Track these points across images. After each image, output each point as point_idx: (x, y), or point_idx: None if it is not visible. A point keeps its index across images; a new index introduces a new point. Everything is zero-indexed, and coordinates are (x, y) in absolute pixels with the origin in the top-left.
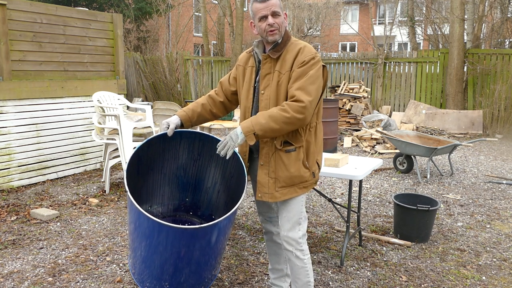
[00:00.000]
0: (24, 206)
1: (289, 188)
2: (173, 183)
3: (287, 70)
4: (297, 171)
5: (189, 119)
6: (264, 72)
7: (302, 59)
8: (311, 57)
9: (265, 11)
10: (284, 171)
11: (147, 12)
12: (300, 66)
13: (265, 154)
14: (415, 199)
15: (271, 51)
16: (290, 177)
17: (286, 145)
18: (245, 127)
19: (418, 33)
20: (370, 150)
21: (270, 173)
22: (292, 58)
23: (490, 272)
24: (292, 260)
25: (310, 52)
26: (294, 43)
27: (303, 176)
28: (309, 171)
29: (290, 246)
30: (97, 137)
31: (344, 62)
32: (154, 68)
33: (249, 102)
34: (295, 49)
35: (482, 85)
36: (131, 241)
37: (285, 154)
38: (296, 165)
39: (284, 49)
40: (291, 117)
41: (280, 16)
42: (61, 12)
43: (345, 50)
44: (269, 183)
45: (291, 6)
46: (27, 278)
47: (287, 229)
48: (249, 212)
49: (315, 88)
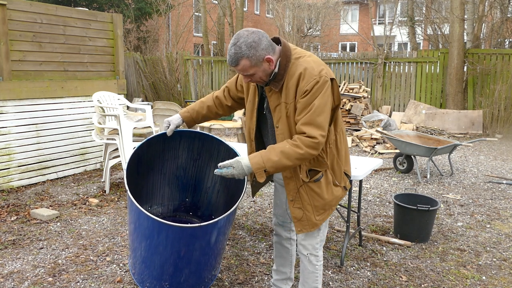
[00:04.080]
0: (24, 206)
1: (328, 211)
2: (173, 183)
3: (292, 101)
4: (331, 195)
5: (193, 120)
6: (273, 104)
7: (304, 87)
8: (313, 83)
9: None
10: (319, 200)
11: (147, 12)
12: (303, 96)
13: (293, 190)
14: (415, 199)
15: (272, 83)
16: (326, 203)
17: (312, 174)
18: (255, 163)
19: (418, 33)
20: (370, 150)
21: (304, 206)
22: (295, 86)
23: (490, 272)
24: (304, 263)
25: (312, 76)
26: (295, 65)
27: (337, 196)
28: (340, 187)
29: (306, 250)
30: (97, 137)
31: (344, 62)
32: (154, 68)
33: (253, 123)
34: (296, 74)
35: (482, 85)
36: (131, 242)
37: (315, 184)
38: (329, 189)
39: (285, 74)
40: (304, 153)
41: (255, 74)
42: (61, 12)
43: (345, 50)
44: (306, 216)
45: (291, 6)
46: (27, 278)
47: (305, 234)
48: (249, 212)
49: (323, 118)
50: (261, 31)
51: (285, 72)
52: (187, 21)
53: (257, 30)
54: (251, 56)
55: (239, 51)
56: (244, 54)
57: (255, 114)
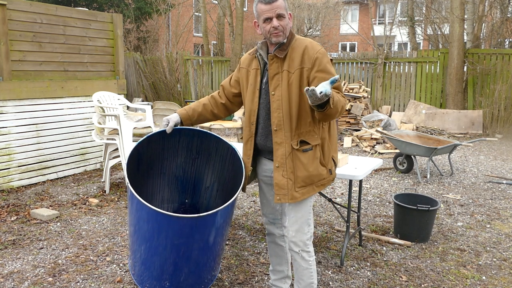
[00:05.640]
0: (24, 206)
1: (308, 187)
2: (173, 184)
3: (296, 69)
4: (315, 169)
5: (189, 117)
6: (272, 72)
7: (313, 54)
8: (323, 51)
9: (270, 13)
10: (302, 171)
11: (147, 12)
12: (320, 64)
13: (280, 156)
14: (415, 199)
15: (277, 50)
16: (309, 176)
17: (303, 145)
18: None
19: (418, 33)
20: (370, 150)
21: (288, 174)
22: (300, 56)
23: (490, 272)
24: (297, 261)
25: (318, 46)
26: (298, 40)
27: (321, 174)
28: (326, 168)
29: (297, 247)
30: (97, 137)
31: (344, 62)
32: (154, 68)
33: (255, 105)
34: (301, 46)
35: (482, 85)
36: (131, 243)
37: (302, 154)
38: (314, 163)
39: (290, 47)
40: (344, 107)
41: (285, 18)
42: (61, 12)
43: (345, 50)
44: (288, 184)
45: (291, 6)
46: (27, 278)
47: (295, 230)
48: (249, 212)
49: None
50: None
51: (289, 45)
52: (187, 21)
53: None
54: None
55: None
56: None
57: (257, 95)
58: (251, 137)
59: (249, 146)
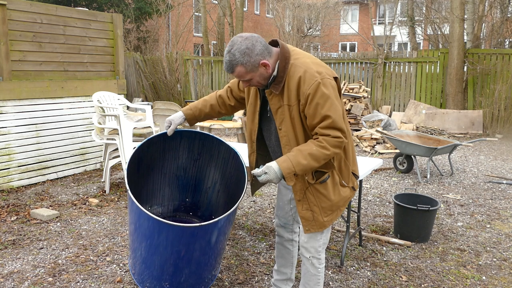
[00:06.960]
0: (24, 206)
1: (335, 212)
2: (173, 183)
3: (295, 103)
4: (337, 196)
5: (195, 118)
6: (274, 106)
7: (306, 91)
8: (316, 84)
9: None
10: (325, 201)
11: (147, 12)
12: (310, 101)
13: (299, 190)
14: (415, 199)
15: (273, 85)
16: (333, 205)
17: (318, 176)
18: (286, 168)
19: (418, 33)
20: (370, 150)
21: (311, 206)
22: (295, 89)
23: (490, 272)
24: (306, 266)
25: (313, 78)
26: (294, 66)
27: (345, 196)
28: (348, 187)
29: (308, 253)
30: (97, 137)
31: (344, 62)
32: (154, 68)
33: (255, 125)
34: (296, 76)
35: (482, 85)
36: (131, 242)
37: (321, 186)
38: (336, 190)
39: (285, 76)
40: (331, 154)
41: (252, 79)
42: (61, 12)
43: (345, 50)
44: (314, 215)
45: (291, 6)
46: (27, 278)
47: (308, 236)
48: (249, 212)
49: (339, 115)
50: (255, 35)
51: (284, 74)
52: (187, 21)
53: (251, 35)
54: (245, 62)
55: (233, 58)
56: (239, 61)
57: (257, 117)
58: (253, 152)
59: (252, 159)
